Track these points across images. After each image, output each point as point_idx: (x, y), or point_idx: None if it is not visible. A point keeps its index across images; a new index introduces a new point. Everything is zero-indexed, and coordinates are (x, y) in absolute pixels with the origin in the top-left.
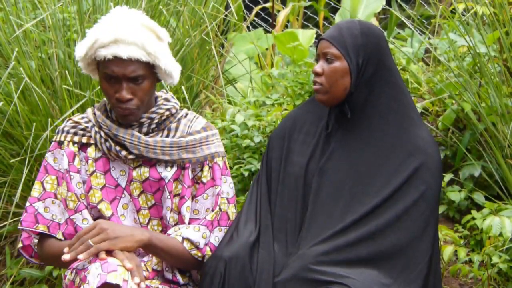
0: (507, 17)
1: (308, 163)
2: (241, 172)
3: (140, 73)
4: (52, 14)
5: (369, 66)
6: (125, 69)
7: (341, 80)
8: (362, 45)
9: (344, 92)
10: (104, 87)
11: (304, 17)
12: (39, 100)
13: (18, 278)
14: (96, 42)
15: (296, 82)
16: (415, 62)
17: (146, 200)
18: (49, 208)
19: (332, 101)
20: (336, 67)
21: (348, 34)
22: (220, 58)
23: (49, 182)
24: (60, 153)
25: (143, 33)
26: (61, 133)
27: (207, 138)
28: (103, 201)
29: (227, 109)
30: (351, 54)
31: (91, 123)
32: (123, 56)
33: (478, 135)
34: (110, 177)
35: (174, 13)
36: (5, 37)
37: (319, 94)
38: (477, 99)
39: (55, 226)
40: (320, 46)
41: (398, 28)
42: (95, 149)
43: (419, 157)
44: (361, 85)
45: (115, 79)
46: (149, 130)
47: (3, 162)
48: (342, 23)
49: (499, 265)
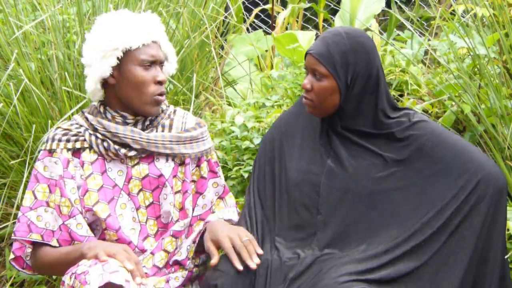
0: (507, 19)
1: (309, 166)
2: (240, 174)
3: (163, 57)
4: (52, 16)
5: (358, 82)
6: (158, 52)
7: (330, 98)
8: (352, 63)
9: (334, 108)
10: (140, 76)
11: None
12: (39, 101)
13: (17, 279)
14: (128, 30)
15: (296, 83)
16: (414, 63)
17: (145, 198)
18: (41, 216)
19: (322, 115)
20: (325, 85)
21: (337, 51)
22: (220, 59)
23: (40, 191)
24: (51, 161)
25: (159, 25)
26: (51, 141)
27: (202, 134)
28: (99, 202)
29: (226, 110)
30: (340, 73)
31: (83, 128)
32: (157, 41)
33: (478, 136)
34: (107, 178)
35: (174, 14)
36: (4, 39)
37: (309, 108)
38: (476, 101)
39: (49, 234)
40: (308, 61)
41: (398, 29)
42: (90, 152)
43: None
44: (350, 100)
45: (152, 64)
46: (143, 127)
47: (3, 164)
48: (329, 37)
49: None
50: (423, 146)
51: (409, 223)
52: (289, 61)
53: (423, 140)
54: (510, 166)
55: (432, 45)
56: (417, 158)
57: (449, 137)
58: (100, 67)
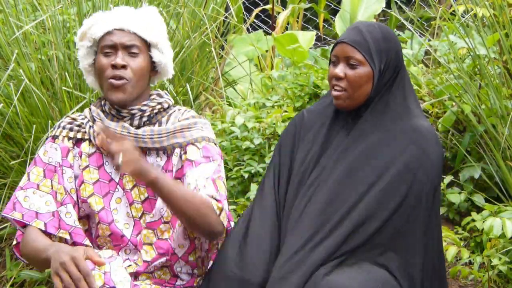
0: (507, 19)
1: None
2: (241, 174)
3: (137, 43)
4: (52, 16)
5: (388, 71)
6: (122, 37)
7: (365, 86)
8: (385, 50)
9: (366, 97)
10: (100, 63)
11: (304, 19)
12: (39, 102)
13: (17, 280)
14: (96, 20)
15: (296, 84)
16: (415, 64)
17: (139, 193)
18: (28, 197)
19: (352, 106)
20: (361, 72)
21: (371, 39)
22: (220, 60)
23: (34, 173)
24: (52, 146)
25: (144, 16)
26: (57, 128)
27: (196, 123)
28: (94, 195)
29: (227, 111)
30: (375, 59)
31: (86, 119)
32: (123, 28)
33: (478, 137)
34: (104, 172)
35: (174, 15)
36: (5, 39)
37: (340, 100)
38: (477, 101)
39: (31, 215)
40: (341, 50)
41: (398, 30)
42: (89, 144)
43: (419, 144)
44: (379, 90)
45: (112, 49)
46: (140, 123)
47: (3, 164)
48: (362, 26)
49: (499, 267)
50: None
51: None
52: (289, 61)
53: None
54: (510, 166)
55: (432, 45)
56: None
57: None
58: (81, 59)
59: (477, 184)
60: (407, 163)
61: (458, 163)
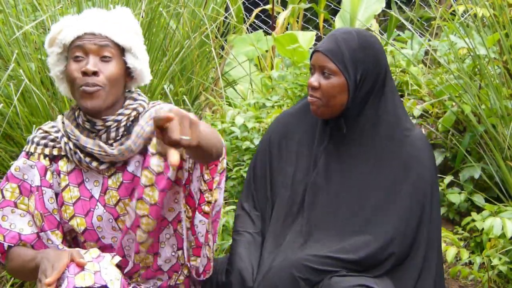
0: (507, 19)
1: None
2: (241, 174)
3: (109, 48)
4: (52, 16)
5: (367, 82)
6: (93, 42)
7: (339, 96)
8: (361, 60)
9: (341, 107)
10: (69, 69)
11: (304, 19)
12: (39, 102)
13: (17, 280)
14: (66, 24)
15: (296, 84)
16: (415, 64)
17: (125, 205)
18: (7, 217)
19: (327, 115)
20: (334, 83)
21: (346, 48)
22: (220, 60)
23: (9, 190)
24: (26, 163)
25: (118, 19)
26: (30, 143)
27: (143, 115)
28: (75, 216)
29: (227, 111)
30: (349, 70)
31: (60, 133)
32: (94, 32)
33: (478, 137)
34: (84, 189)
35: (174, 15)
36: (5, 39)
37: (315, 107)
38: (477, 101)
39: (14, 236)
40: (316, 59)
41: (398, 30)
42: (67, 161)
43: (414, 169)
44: (357, 100)
45: (83, 53)
46: (117, 134)
47: (3, 164)
48: (339, 34)
49: (499, 267)
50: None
51: None
52: (289, 62)
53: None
54: (510, 166)
55: (432, 46)
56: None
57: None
58: (51, 67)
59: (477, 184)
60: (414, 183)
61: (458, 163)
